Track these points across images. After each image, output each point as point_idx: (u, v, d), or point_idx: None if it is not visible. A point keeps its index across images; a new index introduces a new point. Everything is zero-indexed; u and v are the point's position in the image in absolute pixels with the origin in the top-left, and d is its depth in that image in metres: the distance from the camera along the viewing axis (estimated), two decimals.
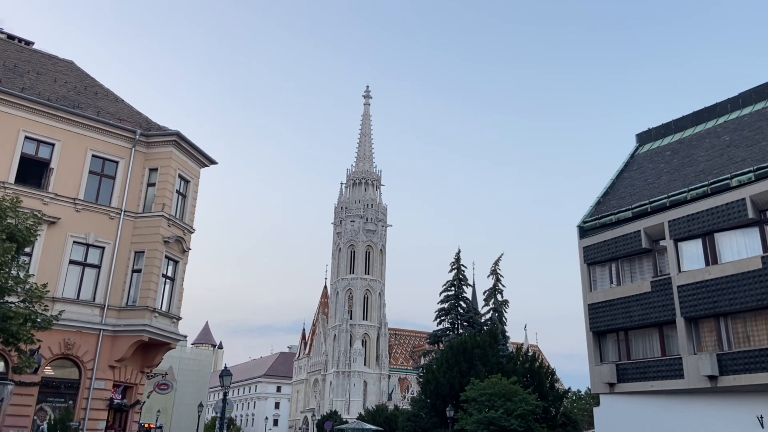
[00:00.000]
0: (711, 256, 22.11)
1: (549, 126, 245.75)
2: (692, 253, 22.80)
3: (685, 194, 23.62)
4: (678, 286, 22.63)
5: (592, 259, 26.44)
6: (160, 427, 54.39)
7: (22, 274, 17.46)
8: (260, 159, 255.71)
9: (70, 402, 22.20)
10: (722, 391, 21.01)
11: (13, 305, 16.67)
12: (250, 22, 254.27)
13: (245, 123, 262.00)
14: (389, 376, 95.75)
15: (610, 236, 25.78)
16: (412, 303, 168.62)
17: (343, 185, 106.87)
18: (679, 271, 22.83)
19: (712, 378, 20.82)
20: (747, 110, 27.18)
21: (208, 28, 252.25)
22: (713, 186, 22.71)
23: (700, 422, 21.50)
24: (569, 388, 59.60)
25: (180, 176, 26.23)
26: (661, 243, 24.01)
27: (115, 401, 23.62)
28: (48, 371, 22.11)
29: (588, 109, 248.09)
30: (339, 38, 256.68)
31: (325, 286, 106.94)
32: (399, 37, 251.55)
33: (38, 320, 16.89)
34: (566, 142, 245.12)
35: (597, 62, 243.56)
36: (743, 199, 21.25)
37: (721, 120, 28.07)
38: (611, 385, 24.43)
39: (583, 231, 27.36)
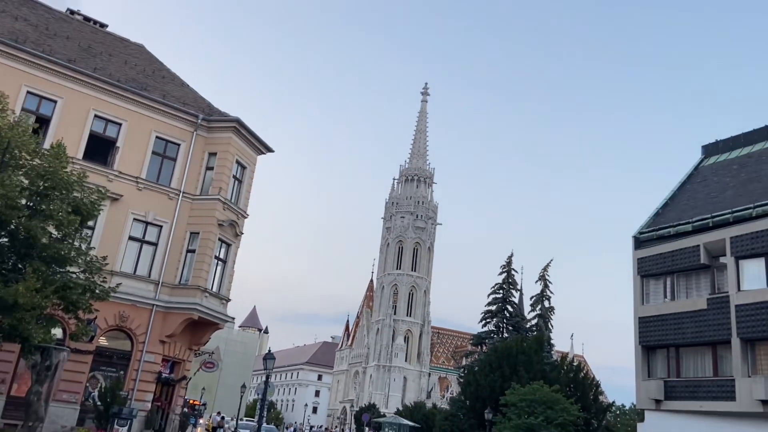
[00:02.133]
0: None
1: (610, 133, 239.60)
2: (753, 272, 21.87)
3: (750, 210, 22.65)
4: (736, 305, 21.75)
5: (647, 271, 25.69)
6: (204, 405, 55.97)
7: (84, 246, 18.24)
8: (315, 150, 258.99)
9: (121, 372, 23.10)
10: None
11: (74, 275, 17.44)
12: (312, 14, 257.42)
13: (303, 114, 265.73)
14: (429, 374, 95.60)
15: (667, 249, 24.97)
16: (457, 303, 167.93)
17: (395, 181, 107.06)
18: (739, 289, 21.94)
19: (765, 403, 19.97)
20: None
21: (272, 20, 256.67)
22: None
23: None
24: (613, 402, 58.02)
25: (237, 162, 26.83)
26: (721, 260, 23.11)
27: (164, 375, 24.44)
28: (102, 341, 23.06)
29: (654, 118, 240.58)
30: (399, 33, 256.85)
31: (372, 280, 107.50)
32: (460, 34, 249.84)
33: (97, 291, 17.62)
34: (628, 150, 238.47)
35: (664, 71, 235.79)
36: None
37: None
38: (658, 401, 23.72)
39: (639, 242, 26.60)
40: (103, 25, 30.12)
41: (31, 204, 16.47)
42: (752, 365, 21.29)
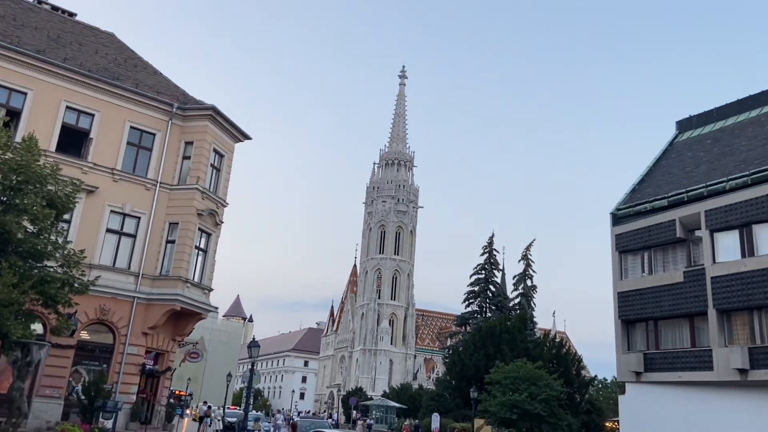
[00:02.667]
0: (747, 247, 21.57)
1: (585, 112, 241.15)
2: (728, 244, 22.28)
3: (723, 184, 23.03)
4: (712, 278, 22.18)
5: (624, 247, 26.06)
6: (191, 395, 55.92)
7: (60, 240, 18.03)
8: (294, 137, 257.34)
9: (104, 365, 22.96)
10: (752, 385, 20.65)
11: (51, 269, 17.25)
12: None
13: (279, 100, 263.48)
14: (415, 356, 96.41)
15: (644, 224, 25.34)
16: (440, 285, 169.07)
17: (376, 165, 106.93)
18: (714, 262, 22.37)
19: (742, 371, 20.46)
20: None
21: (246, 4, 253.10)
22: (754, 176, 22.07)
23: (727, 415, 21.19)
24: (595, 376, 59.08)
25: (215, 150, 26.59)
26: (697, 233, 23.51)
27: (147, 367, 24.35)
28: (84, 335, 22.88)
29: (627, 96, 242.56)
30: (376, 18, 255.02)
31: (355, 265, 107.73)
32: (436, 14, 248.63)
33: (75, 284, 17.45)
34: (603, 129, 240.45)
35: (641, 47, 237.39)
36: None
37: (766, 109, 27.17)
38: (638, 374, 24.20)
39: (617, 218, 26.94)
40: (71, 14, 29.51)
41: (5, 199, 16.22)
42: (728, 335, 21.77)
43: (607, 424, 46.69)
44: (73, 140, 23.90)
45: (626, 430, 25.36)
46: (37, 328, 19.77)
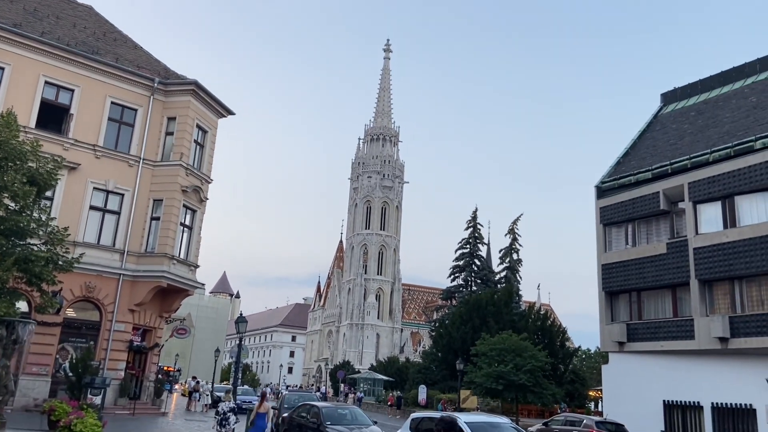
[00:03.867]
0: (729, 219, 21.87)
1: (572, 84, 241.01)
2: (710, 215, 22.57)
3: (707, 156, 23.22)
4: (694, 249, 22.50)
5: (609, 219, 26.30)
6: (179, 370, 56.09)
7: (43, 218, 17.80)
8: (278, 111, 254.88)
9: (92, 343, 22.93)
10: (732, 353, 21.10)
11: (35, 247, 17.06)
12: None
13: (264, 74, 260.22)
14: (401, 329, 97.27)
15: (628, 197, 25.56)
16: (426, 260, 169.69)
17: (361, 141, 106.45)
18: (696, 233, 22.66)
19: (723, 340, 20.89)
20: None
21: None
22: (737, 148, 22.27)
23: (708, 382, 21.69)
24: (579, 347, 60.12)
25: (198, 126, 26.30)
26: (680, 205, 23.77)
27: (135, 343, 24.36)
28: (70, 313, 22.79)
29: (614, 68, 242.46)
30: None
31: (341, 241, 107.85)
32: None
33: (60, 262, 17.29)
34: (590, 102, 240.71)
35: (627, 20, 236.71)
36: (766, 161, 20.86)
37: (749, 81, 27.32)
38: (621, 344, 24.63)
39: (601, 191, 27.14)
40: None
41: None
42: (710, 305, 22.16)
43: (590, 393, 47.69)
44: (54, 116, 23.50)
45: (609, 398, 25.91)
46: (22, 306, 19.62)
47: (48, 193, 19.94)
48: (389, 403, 47.43)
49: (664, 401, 23.04)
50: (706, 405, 21.61)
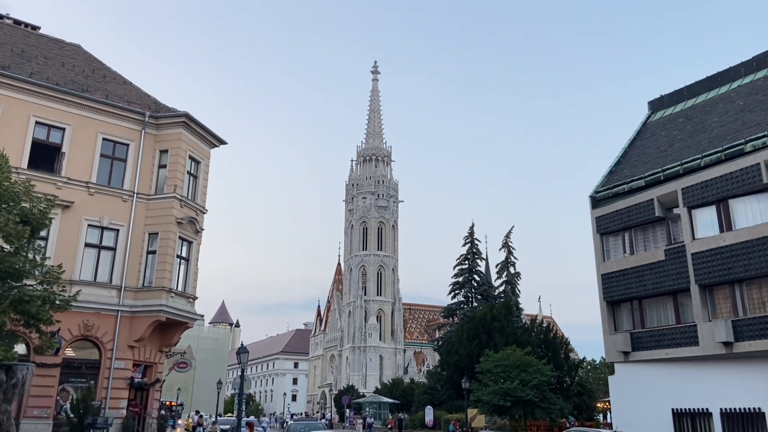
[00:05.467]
0: (725, 222, 21.92)
1: (561, 96, 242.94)
2: (706, 220, 22.62)
3: (698, 161, 23.35)
4: (692, 254, 22.49)
5: (605, 228, 26.31)
6: (181, 405, 55.47)
7: (38, 258, 17.68)
8: (270, 138, 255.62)
9: (92, 382, 22.60)
10: (737, 357, 21.00)
11: (30, 287, 16.91)
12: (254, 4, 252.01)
13: (254, 102, 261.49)
14: (404, 350, 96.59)
15: (623, 205, 25.60)
16: (425, 278, 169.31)
17: (354, 162, 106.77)
18: (693, 238, 22.68)
19: (727, 344, 20.79)
20: (761, 74, 26.66)
21: (217, 6, 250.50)
22: (727, 152, 22.41)
23: (716, 388, 21.54)
24: (584, 358, 59.78)
25: (190, 157, 26.29)
26: (675, 211, 23.82)
27: (136, 380, 24.05)
28: (69, 352, 22.52)
29: (600, 79, 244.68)
30: (346, 14, 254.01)
31: (339, 263, 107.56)
32: (406, 9, 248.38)
33: (57, 301, 17.13)
34: (579, 113, 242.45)
35: (608, 30, 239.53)
36: (758, 164, 20.98)
37: (735, 84, 27.58)
38: (626, 353, 24.48)
39: (596, 201, 27.19)
40: (35, 28, 28.93)
41: None
42: (712, 310, 22.10)
43: (598, 404, 47.25)
44: (45, 155, 23.46)
45: (617, 410, 25.68)
46: (20, 348, 19.41)
47: (43, 233, 19.82)
48: (389, 426, 46.92)
49: (672, 410, 22.84)
50: (715, 411, 21.44)
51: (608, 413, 37.65)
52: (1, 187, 15.87)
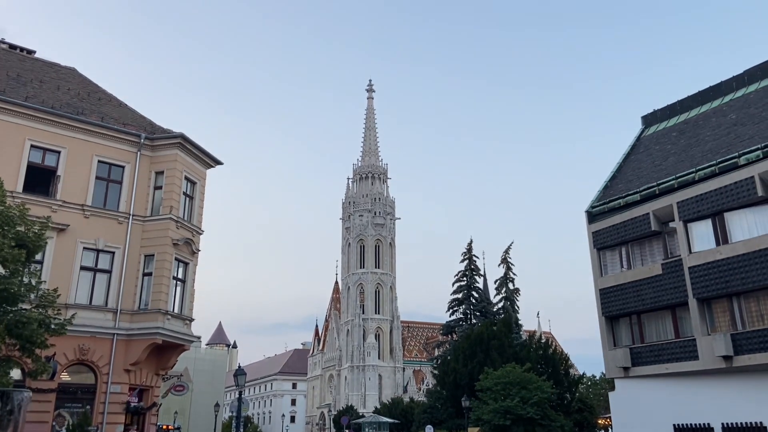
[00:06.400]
0: (721, 235, 21.93)
1: (555, 113, 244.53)
2: (702, 233, 22.63)
3: (693, 175, 23.43)
4: (689, 268, 22.48)
5: (602, 243, 26.31)
6: (178, 428, 54.86)
7: (33, 281, 17.59)
8: (265, 157, 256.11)
9: (88, 407, 22.36)
10: (737, 371, 20.89)
11: (26, 311, 16.80)
12: (249, 18, 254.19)
13: (249, 121, 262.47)
14: (404, 368, 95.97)
15: (619, 220, 25.63)
16: (424, 295, 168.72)
17: (350, 180, 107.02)
18: (690, 252, 22.67)
19: (726, 358, 20.69)
20: (753, 87, 26.88)
21: (208, 25, 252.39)
22: (721, 165, 22.49)
23: (716, 403, 21.40)
24: (584, 374, 59.45)
25: (186, 178, 26.29)
26: (671, 225, 23.85)
27: (132, 404, 23.79)
28: (64, 377, 22.29)
29: (593, 94, 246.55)
30: (339, 32, 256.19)
31: (336, 282, 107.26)
32: (400, 26, 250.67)
33: (52, 325, 17.01)
34: (573, 128, 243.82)
35: (601, 48, 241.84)
36: (752, 177, 21.04)
37: (727, 98, 27.79)
38: (626, 369, 24.34)
39: (592, 216, 27.22)
40: (30, 52, 29.07)
41: None
42: (711, 323, 22.03)
43: (599, 421, 46.88)
44: (41, 179, 23.43)
45: (619, 426, 25.47)
46: (15, 374, 19.22)
47: (38, 256, 19.74)
48: None
49: (674, 425, 22.66)
50: (717, 426, 21.27)
51: (609, 429, 37.33)
52: None
